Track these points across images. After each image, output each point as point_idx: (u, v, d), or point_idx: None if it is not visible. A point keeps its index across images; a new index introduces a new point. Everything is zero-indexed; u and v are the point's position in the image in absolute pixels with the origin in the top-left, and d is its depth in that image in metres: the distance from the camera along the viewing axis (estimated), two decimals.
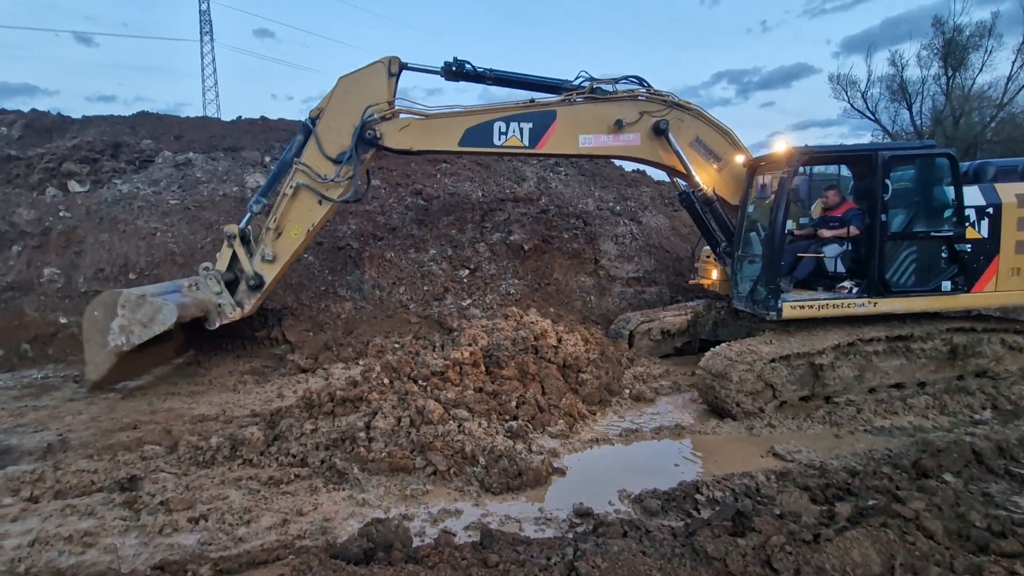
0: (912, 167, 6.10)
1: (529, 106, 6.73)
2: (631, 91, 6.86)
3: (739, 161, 6.90)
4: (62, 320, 8.14)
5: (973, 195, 5.85)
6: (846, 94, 28.73)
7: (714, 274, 7.56)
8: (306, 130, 6.83)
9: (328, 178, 6.71)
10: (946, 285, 5.84)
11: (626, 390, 6.42)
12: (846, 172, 7.13)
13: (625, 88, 6.88)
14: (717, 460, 4.70)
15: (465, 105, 6.83)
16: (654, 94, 6.87)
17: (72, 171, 10.23)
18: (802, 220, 7.22)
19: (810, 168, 7.01)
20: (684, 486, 4.05)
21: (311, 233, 6.99)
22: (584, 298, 9.43)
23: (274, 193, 7.10)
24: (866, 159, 6.00)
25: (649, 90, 6.91)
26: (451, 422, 4.72)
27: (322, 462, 4.45)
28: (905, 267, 5.87)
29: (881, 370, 5.83)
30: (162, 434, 5.17)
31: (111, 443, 5.00)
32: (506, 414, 5.20)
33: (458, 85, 7.38)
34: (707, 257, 7.79)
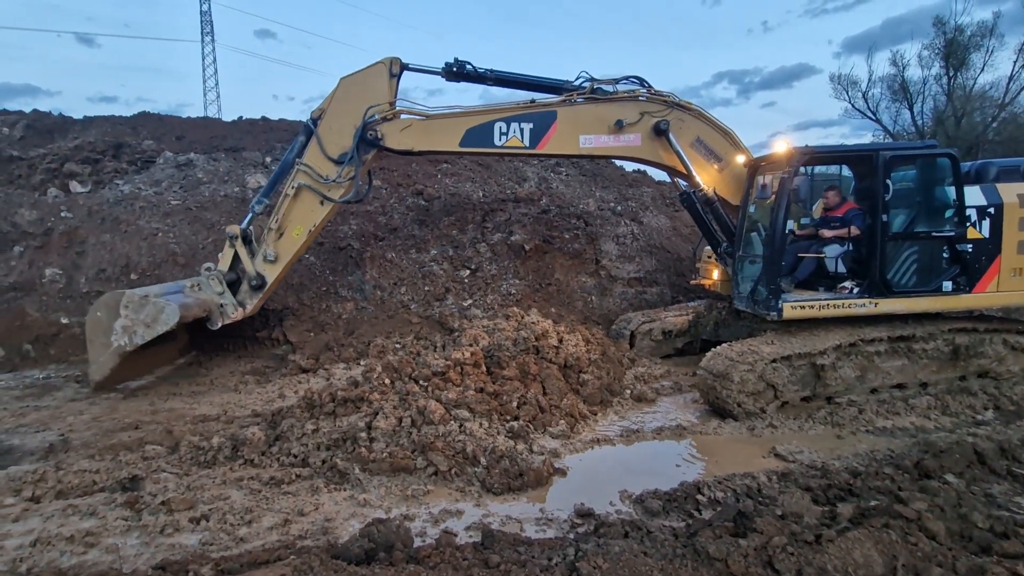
0: (913, 167, 6.10)
1: (530, 107, 6.74)
2: (632, 91, 6.86)
3: (740, 161, 6.89)
4: (64, 320, 8.16)
5: (975, 195, 5.83)
6: (847, 94, 28.67)
7: (715, 274, 7.56)
8: (308, 131, 6.86)
9: (330, 179, 6.73)
10: (947, 285, 5.83)
11: (627, 390, 6.42)
12: (847, 172, 7.13)
13: (626, 88, 6.88)
14: (718, 461, 4.69)
15: (466, 106, 6.84)
16: (655, 94, 6.87)
17: (74, 171, 10.26)
18: (803, 220, 7.22)
19: (811, 168, 7.01)
20: (685, 487, 4.04)
21: (313, 233, 7.01)
22: (585, 298, 9.43)
23: (276, 194, 7.13)
24: (867, 159, 5.99)
25: (650, 90, 6.91)
26: (452, 422, 4.72)
27: (323, 462, 4.46)
28: (906, 267, 5.86)
29: (883, 370, 5.82)
30: (163, 434, 5.18)
31: (113, 443, 5.01)
32: (507, 414, 5.20)
33: (459, 86, 7.40)
34: (708, 257, 7.78)
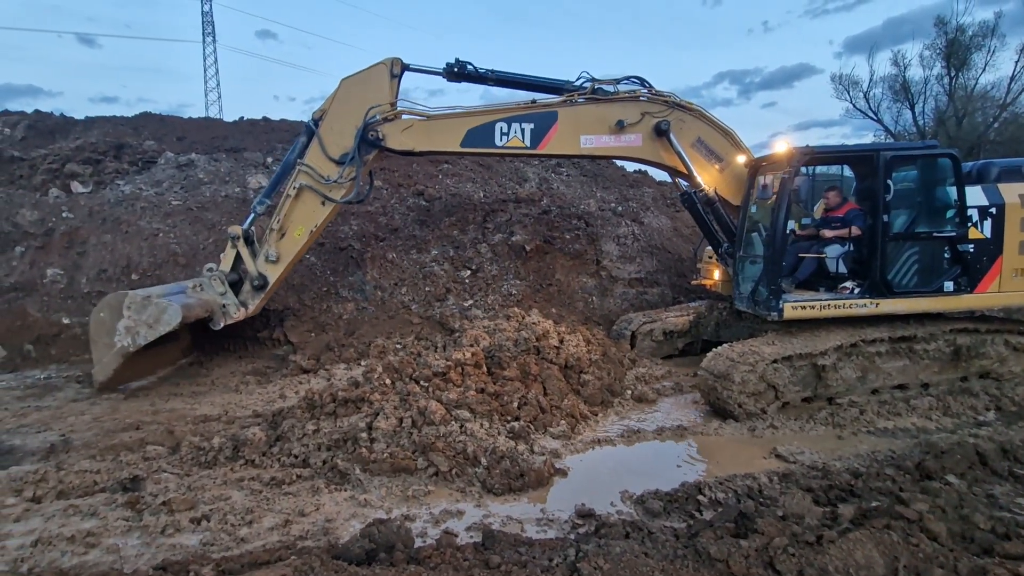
0: (914, 167, 6.09)
1: (531, 107, 6.73)
2: (632, 92, 6.86)
3: (741, 161, 6.89)
4: (65, 321, 8.16)
5: (976, 195, 5.83)
6: (848, 94, 28.64)
7: (716, 275, 7.56)
8: (309, 131, 6.86)
9: (331, 179, 6.73)
10: (949, 286, 5.82)
11: (628, 391, 6.42)
12: (848, 173, 7.12)
13: (626, 89, 6.88)
14: (719, 461, 4.69)
15: (467, 106, 6.85)
16: (655, 95, 6.86)
17: (75, 172, 10.27)
18: (804, 220, 7.21)
19: (812, 168, 7.01)
20: (686, 487, 4.04)
21: (314, 234, 7.02)
22: (586, 299, 9.43)
23: (277, 194, 7.14)
24: (868, 159, 5.99)
25: (650, 91, 6.90)
26: (453, 423, 4.72)
27: (324, 463, 4.46)
28: (907, 268, 5.85)
29: (884, 371, 5.82)
30: (164, 434, 5.18)
31: (114, 443, 5.01)
32: (508, 415, 5.20)
33: (460, 86, 7.40)
34: (709, 258, 7.78)
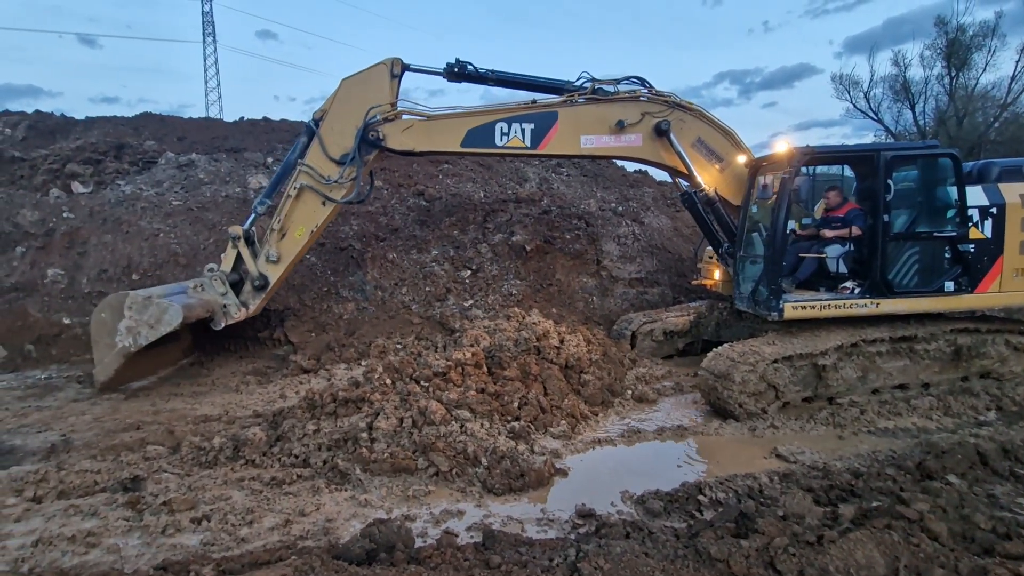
0: (915, 167, 6.09)
1: (531, 107, 6.73)
2: (633, 92, 6.86)
3: (741, 161, 6.89)
4: (66, 321, 8.17)
5: (977, 195, 5.83)
6: (849, 94, 28.61)
7: (717, 275, 7.56)
8: (309, 132, 6.86)
9: (331, 179, 6.73)
10: (949, 286, 5.82)
11: (628, 391, 6.42)
12: (849, 173, 7.12)
13: (627, 89, 6.87)
14: (720, 461, 4.69)
15: (467, 106, 6.84)
16: (656, 95, 6.86)
17: (76, 172, 10.28)
18: (804, 220, 7.20)
19: (812, 168, 7.00)
20: (687, 487, 4.04)
21: (315, 234, 7.02)
22: (586, 299, 9.43)
23: (278, 194, 7.14)
24: (868, 159, 5.98)
25: (651, 91, 6.90)
26: (453, 423, 4.72)
27: (324, 463, 4.46)
28: (908, 268, 5.85)
29: (884, 371, 5.81)
30: (165, 435, 5.18)
31: (114, 443, 5.02)
32: (508, 415, 5.20)
33: (460, 86, 7.40)
34: (709, 258, 7.78)
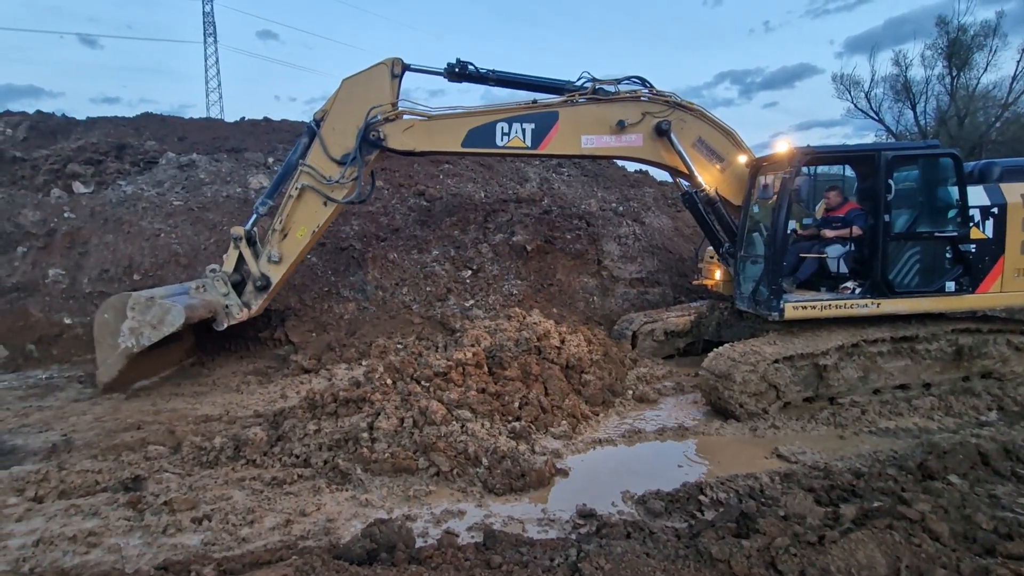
0: (916, 167, 6.08)
1: (531, 107, 6.73)
2: (633, 92, 6.85)
3: (742, 161, 6.88)
4: (67, 321, 8.18)
5: (978, 195, 5.82)
6: (849, 94, 28.61)
7: (717, 275, 7.55)
8: (311, 132, 6.86)
9: (333, 179, 6.73)
10: (950, 286, 5.81)
11: (629, 391, 6.41)
12: (850, 172, 7.11)
13: (627, 89, 6.87)
14: (721, 461, 4.68)
15: (468, 106, 6.84)
16: (656, 95, 6.86)
17: (77, 172, 10.28)
18: (805, 220, 7.20)
19: (813, 168, 7.00)
20: (688, 487, 4.03)
21: (316, 234, 7.02)
22: (587, 299, 9.43)
23: (280, 195, 7.14)
24: (869, 159, 5.98)
25: (651, 91, 6.90)
26: (454, 423, 4.72)
27: (325, 463, 4.46)
28: (909, 268, 5.85)
29: (886, 371, 5.81)
30: (166, 434, 5.18)
31: (115, 443, 5.02)
32: (509, 415, 5.20)
33: (460, 86, 7.39)
34: (710, 258, 7.77)
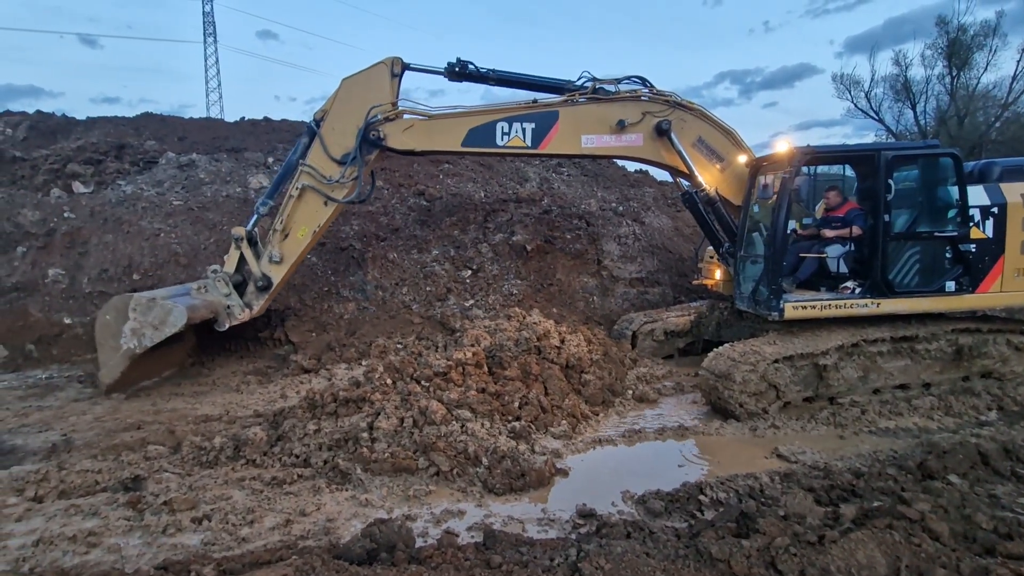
0: (915, 167, 6.08)
1: (532, 107, 6.73)
2: (633, 91, 6.85)
3: (742, 161, 6.88)
4: (67, 321, 8.18)
5: (978, 195, 5.82)
6: (849, 94, 28.64)
7: (717, 274, 7.55)
8: (311, 132, 6.85)
9: (333, 179, 6.72)
10: (950, 286, 5.81)
11: (629, 391, 6.41)
12: (850, 172, 7.11)
13: (627, 88, 6.86)
14: (721, 461, 4.68)
15: (468, 106, 6.84)
16: (656, 94, 6.85)
17: (76, 172, 10.28)
18: (805, 220, 7.20)
19: (813, 168, 7.00)
20: (688, 487, 4.03)
21: (317, 234, 7.02)
22: (587, 299, 9.43)
23: (280, 195, 7.14)
24: (869, 159, 5.97)
25: (651, 90, 6.89)
26: (454, 423, 4.72)
27: (325, 462, 4.46)
28: (909, 267, 5.85)
29: (886, 371, 5.81)
30: (166, 434, 5.18)
31: (115, 443, 5.02)
32: (509, 415, 5.20)
33: (460, 86, 7.39)
34: (710, 257, 7.77)
